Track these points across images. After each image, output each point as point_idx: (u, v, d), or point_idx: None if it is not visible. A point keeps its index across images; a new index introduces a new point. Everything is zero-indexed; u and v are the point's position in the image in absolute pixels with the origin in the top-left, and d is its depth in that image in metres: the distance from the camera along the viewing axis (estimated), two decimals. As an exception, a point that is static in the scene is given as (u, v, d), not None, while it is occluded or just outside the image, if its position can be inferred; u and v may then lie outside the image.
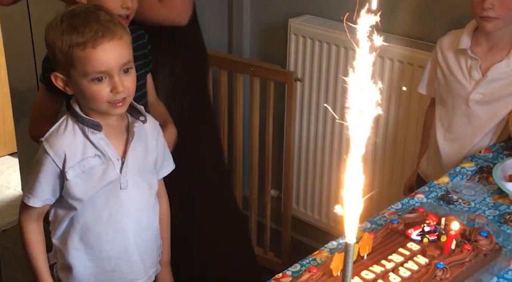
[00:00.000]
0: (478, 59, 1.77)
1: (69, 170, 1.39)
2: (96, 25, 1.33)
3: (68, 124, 1.41)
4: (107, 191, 1.44)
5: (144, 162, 1.50)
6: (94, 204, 1.44)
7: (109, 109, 1.39)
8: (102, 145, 1.41)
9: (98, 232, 1.47)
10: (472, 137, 1.83)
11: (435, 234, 1.25)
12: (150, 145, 1.51)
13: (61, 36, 1.33)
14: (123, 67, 1.36)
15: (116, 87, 1.35)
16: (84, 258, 1.49)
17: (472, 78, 1.79)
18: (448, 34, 1.87)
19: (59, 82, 1.40)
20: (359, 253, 1.18)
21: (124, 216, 1.47)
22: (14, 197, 3.09)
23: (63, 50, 1.33)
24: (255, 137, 2.51)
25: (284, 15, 2.47)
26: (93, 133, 1.40)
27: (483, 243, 1.24)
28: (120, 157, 1.44)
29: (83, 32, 1.32)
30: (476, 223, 1.37)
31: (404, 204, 1.52)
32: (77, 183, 1.41)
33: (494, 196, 1.56)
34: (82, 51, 1.32)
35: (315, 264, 1.27)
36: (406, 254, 1.20)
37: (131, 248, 1.50)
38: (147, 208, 1.53)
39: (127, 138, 1.46)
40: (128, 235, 1.49)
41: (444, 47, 1.84)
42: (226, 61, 2.49)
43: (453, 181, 1.63)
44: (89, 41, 1.32)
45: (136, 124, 1.46)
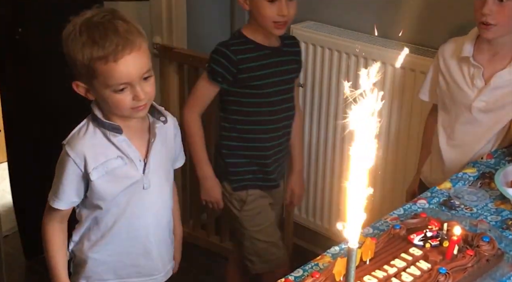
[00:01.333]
0: (480, 67, 1.77)
1: (93, 171, 1.42)
2: (116, 38, 1.34)
3: (88, 128, 1.45)
4: (130, 191, 1.48)
5: (165, 161, 1.54)
6: (118, 203, 1.48)
7: (131, 114, 1.42)
8: (124, 147, 1.44)
9: (120, 230, 1.50)
10: (474, 143, 1.83)
11: (437, 240, 1.26)
12: (170, 144, 1.56)
13: (81, 49, 1.35)
14: (143, 76, 1.39)
15: (138, 96, 1.38)
16: (105, 253, 1.53)
17: (475, 86, 1.79)
18: (450, 41, 1.87)
19: (80, 89, 1.42)
20: (361, 258, 1.18)
21: (145, 215, 1.51)
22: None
23: (84, 63, 1.36)
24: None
25: (286, 21, 2.47)
26: (114, 136, 1.43)
27: (485, 248, 1.24)
28: (143, 158, 1.47)
29: (103, 46, 1.34)
30: (478, 229, 1.37)
31: (406, 210, 1.52)
32: (102, 183, 1.44)
33: (496, 202, 1.56)
34: (104, 65, 1.34)
35: (317, 269, 1.27)
36: (409, 259, 1.20)
37: (151, 245, 1.54)
38: (167, 206, 1.58)
39: (149, 139, 1.49)
40: (148, 233, 1.53)
41: (446, 55, 1.85)
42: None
43: (455, 187, 1.63)
44: (110, 55, 1.34)
45: (157, 125, 1.50)
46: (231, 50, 1.90)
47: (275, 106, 1.95)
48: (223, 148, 2.03)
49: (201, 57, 2.52)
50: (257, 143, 1.98)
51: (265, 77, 1.91)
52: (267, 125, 1.96)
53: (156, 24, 2.58)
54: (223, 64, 1.90)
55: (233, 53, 1.89)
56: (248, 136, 1.98)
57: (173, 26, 2.55)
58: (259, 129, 1.96)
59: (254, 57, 1.90)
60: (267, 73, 1.92)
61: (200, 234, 2.81)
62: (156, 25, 2.58)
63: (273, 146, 1.99)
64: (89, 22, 1.37)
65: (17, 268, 2.52)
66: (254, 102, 1.94)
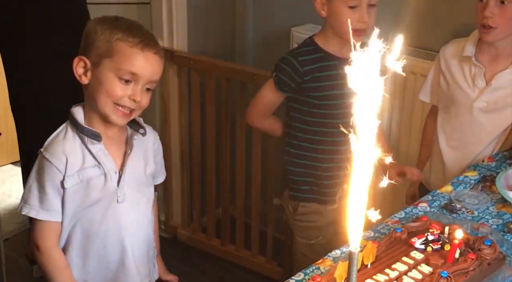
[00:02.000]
0: (482, 67, 1.77)
1: (67, 178, 1.38)
2: (148, 34, 1.41)
3: (67, 133, 1.41)
4: (104, 204, 1.43)
5: (142, 174, 1.49)
6: (92, 217, 1.43)
7: (111, 113, 1.38)
8: (101, 156, 1.40)
9: (96, 245, 1.46)
10: (474, 145, 1.83)
11: (438, 243, 1.25)
12: (149, 157, 1.51)
13: (112, 29, 1.37)
14: (149, 83, 1.39)
15: (135, 95, 1.37)
16: (83, 269, 1.48)
17: (476, 86, 1.79)
18: (452, 42, 1.87)
19: (79, 68, 1.39)
20: (362, 262, 1.18)
21: (121, 230, 1.47)
22: (16, 205, 3.05)
23: (109, 39, 1.37)
24: (257, 146, 2.51)
25: (287, 24, 2.48)
26: (92, 143, 1.39)
27: (487, 252, 1.24)
28: (118, 170, 1.43)
29: (136, 34, 1.38)
30: (479, 232, 1.37)
31: (407, 213, 1.52)
32: (75, 192, 1.39)
33: (497, 205, 1.56)
34: (129, 48, 1.36)
35: (318, 273, 1.27)
36: (410, 263, 1.20)
37: (128, 261, 1.49)
38: (144, 221, 1.53)
39: (125, 150, 1.45)
40: (126, 248, 1.48)
41: (448, 55, 1.84)
42: (229, 69, 2.49)
43: (457, 190, 1.63)
44: (140, 43, 1.37)
45: (136, 137, 1.46)
46: (298, 60, 1.85)
47: (334, 119, 1.83)
48: (285, 154, 1.99)
49: (201, 60, 2.53)
50: (314, 154, 1.90)
51: (328, 89, 1.84)
52: (329, 137, 1.87)
53: (157, 27, 2.58)
54: (289, 74, 1.86)
55: (300, 64, 1.84)
56: (307, 145, 1.92)
57: (174, 30, 2.56)
58: (317, 140, 1.89)
59: (321, 67, 1.84)
60: (331, 84, 1.83)
61: (201, 237, 2.80)
62: (157, 28, 2.58)
63: (331, 159, 1.89)
64: (126, 18, 1.43)
65: (17, 271, 2.52)
66: (314, 113, 1.87)
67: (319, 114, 1.87)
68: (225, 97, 2.53)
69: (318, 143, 1.89)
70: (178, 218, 2.83)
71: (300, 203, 1.97)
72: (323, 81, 1.84)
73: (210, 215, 2.76)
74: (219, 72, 2.50)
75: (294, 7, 2.50)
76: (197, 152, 2.67)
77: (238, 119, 2.54)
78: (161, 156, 1.59)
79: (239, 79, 2.47)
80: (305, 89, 1.86)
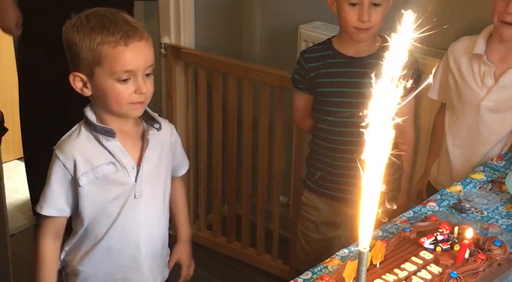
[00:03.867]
0: (493, 66, 1.75)
1: (81, 176, 1.38)
2: (126, 25, 1.34)
3: (81, 132, 1.41)
4: (121, 200, 1.43)
5: (159, 169, 1.49)
6: (108, 212, 1.43)
7: (128, 111, 1.39)
8: (117, 153, 1.40)
9: (110, 240, 1.46)
10: (481, 145, 1.82)
11: (448, 243, 1.24)
12: (165, 151, 1.51)
13: (89, 34, 1.33)
14: (146, 70, 1.37)
15: (140, 88, 1.36)
16: (94, 266, 1.48)
17: (485, 85, 1.77)
18: (461, 39, 1.86)
19: (77, 82, 1.38)
20: (371, 261, 1.17)
21: (137, 225, 1.47)
22: (22, 201, 3.09)
23: (91, 48, 1.33)
24: (264, 144, 2.51)
25: (294, 21, 2.47)
26: (107, 140, 1.39)
27: (497, 252, 1.22)
28: (136, 165, 1.43)
29: (113, 31, 1.33)
30: (489, 232, 1.36)
31: (416, 212, 1.51)
32: (91, 189, 1.40)
33: (507, 205, 1.55)
34: (113, 49, 1.32)
35: (326, 272, 1.26)
36: (419, 263, 1.19)
37: (141, 257, 1.49)
38: (160, 217, 1.52)
39: (142, 146, 1.45)
40: (140, 245, 1.48)
41: (457, 53, 1.83)
42: (236, 67, 2.49)
43: (465, 189, 1.62)
44: (121, 39, 1.32)
45: (151, 132, 1.45)
46: (304, 57, 1.89)
47: (341, 117, 1.83)
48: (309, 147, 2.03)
49: (208, 57, 2.52)
50: (321, 149, 1.92)
51: (335, 86, 1.84)
52: (329, 135, 1.89)
53: (164, 24, 2.58)
54: (299, 71, 1.91)
55: (305, 61, 1.88)
56: (316, 141, 1.94)
57: (181, 26, 2.55)
58: (323, 137, 1.91)
59: (327, 64, 1.85)
60: (336, 82, 1.84)
61: (206, 234, 2.80)
62: (164, 25, 2.58)
63: (334, 157, 1.89)
64: (95, 13, 1.37)
65: (23, 267, 2.52)
66: (321, 110, 1.89)
67: (324, 112, 1.88)
68: (232, 95, 2.53)
69: (323, 140, 1.91)
70: (184, 215, 2.83)
71: (305, 190, 2.02)
72: (329, 77, 1.85)
73: (216, 212, 2.75)
74: (226, 69, 2.49)
75: (302, 5, 2.49)
76: (204, 149, 2.67)
77: (245, 117, 2.53)
78: (180, 147, 1.60)
79: (246, 77, 2.46)
80: (315, 86, 1.88)
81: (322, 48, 1.89)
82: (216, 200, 2.72)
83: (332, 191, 1.93)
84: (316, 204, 1.99)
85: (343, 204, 1.92)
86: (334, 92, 1.85)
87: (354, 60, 1.83)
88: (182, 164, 1.61)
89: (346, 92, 1.83)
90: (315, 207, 2.00)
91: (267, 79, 2.39)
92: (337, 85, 1.84)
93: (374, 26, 1.75)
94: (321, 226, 2.01)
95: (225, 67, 2.49)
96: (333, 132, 1.87)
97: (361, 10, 1.74)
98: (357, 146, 1.94)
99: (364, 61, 1.80)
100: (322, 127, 1.90)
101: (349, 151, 1.84)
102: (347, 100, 1.82)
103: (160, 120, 1.49)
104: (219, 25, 2.67)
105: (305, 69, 1.88)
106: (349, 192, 1.87)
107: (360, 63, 1.81)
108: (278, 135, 2.46)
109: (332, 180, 1.92)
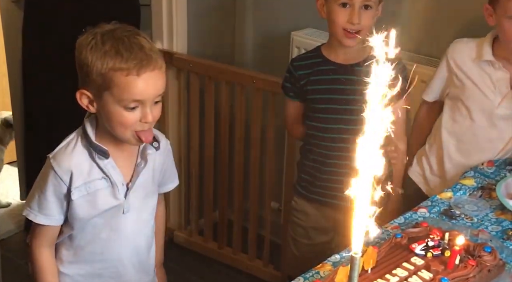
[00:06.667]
0: (508, 72, 1.73)
1: (74, 190, 1.38)
2: (141, 53, 1.30)
3: (77, 144, 1.40)
4: (109, 214, 1.43)
5: (150, 185, 1.49)
6: (94, 224, 1.43)
7: (131, 139, 1.37)
8: (109, 169, 1.40)
9: (93, 251, 1.46)
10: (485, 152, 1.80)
11: (439, 249, 1.25)
12: (156, 166, 1.50)
13: (102, 57, 1.29)
14: (156, 98, 1.35)
15: (146, 117, 1.33)
16: (76, 272, 1.49)
17: (499, 92, 1.75)
18: (458, 42, 1.84)
19: (83, 100, 1.36)
20: (363, 267, 1.17)
21: (121, 239, 1.47)
22: (12, 206, 3.08)
23: (101, 72, 1.30)
24: (256, 149, 2.51)
25: (287, 28, 2.48)
26: (100, 159, 1.39)
27: (487, 258, 1.24)
28: (126, 182, 1.43)
29: (127, 58, 1.29)
30: (479, 239, 1.37)
31: (407, 218, 1.52)
32: (81, 204, 1.40)
33: (496, 212, 1.56)
34: (125, 77, 1.29)
35: (318, 278, 1.27)
36: (410, 269, 1.20)
37: (124, 269, 1.49)
38: (146, 231, 1.52)
39: (136, 162, 1.44)
40: (122, 257, 1.48)
41: (460, 58, 1.80)
42: (228, 73, 2.49)
43: (456, 196, 1.63)
44: (134, 69, 1.29)
45: (150, 151, 1.44)
46: (293, 65, 1.90)
47: (328, 124, 1.85)
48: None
49: (201, 63, 2.52)
50: (311, 155, 1.92)
51: (324, 93, 1.85)
52: (319, 141, 1.89)
53: (157, 29, 2.58)
54: (289, 79, 1.91)
55: (295, 68, 1.89)
56: (307, 147, 1.95)
57: (174, 32, 2.55)
58: (313, 143, 1.91)
59: (316, 72, 1.85)
60: (325, 89, 1.85)
61: (197, 239, 2.80)
62: (157, 30, 2.58)
63: (324, 163, 1.90)
64: (112, 33, 1.32)
65: (13, 271, 2.51)
66: (311, 116, 1.89)
67: (315, 118, 1.89)
68: (224, 101, 2.53)
69: (313, 145, 1.92)
70: (175, 220, 2.83)
71: (294, 197, 2.03)
72: (318, 84, 1.86)
73: (207, 217, 2.75)
74: (219, 75, 2.50)
75: (295, 11, 2.50)
76: (195, 154, 2.67)
77: (237, 123, 2.53)
78: (171, 163, 1.57)
79: (239, 83, 2.47)
80: (304, 93, 1.89)
81: (311, 56, 1.91)
82: (207, 205, 2.72)
83: (321, 196, 1.94)
84: (305, 208, 2.00)
85: (332, 209, 1.93)
86: (323, 99, 1.86)
87: (343, 67, 1.84)
88: (170, 179, 1.59)
89: (335, 99, 1.84)
90: (304, 212, 2.01)
91: (259, 85, 2.40)
92: (326, 92, 1.85)
93: (363, 29, 1.75)
94: (310, 231, 2.02)
95: (217, 73, 2.50)
96: (323, 139, 1.88)
97: (351, 12, 1.74)
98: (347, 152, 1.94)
99: (352, 69, 1.81)
100: (312, 134, 1.91)
101: (339, 157, 1.85)
102: (336, 107, 1.84)
103: (159, 138, 1.47)
104: (212, 31, 2.68)
105: (295, 77, 1.89)
106: (338, 198, 1.88)
107: (349, 70, 1.82)
108: (270, 141, 2.47)
109: (321, 186, 1.93)
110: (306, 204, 1.99)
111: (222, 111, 2.55)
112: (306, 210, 2.00)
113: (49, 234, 1.45)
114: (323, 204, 1.95)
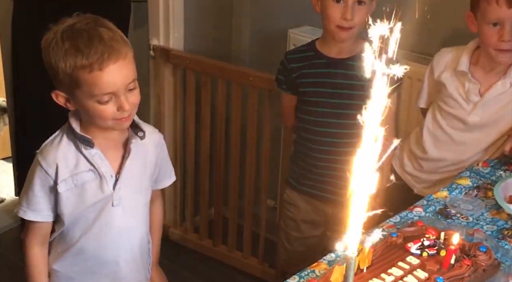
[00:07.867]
0: (477, 83, 1.78)
1: (61, 183, 1.38)
2: (101, 46, 1.28)
3: (62, 138, 1.40)
4: (98, 207, 1.42)
5: (141, 178, 1.48)
6: (84, 219, 1.43)
7: (114, 126, 1.37)
8: (96, 160, 1.39)
9: (86, 246, 1.45)
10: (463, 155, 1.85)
11: (434, 248, 1.25)
12: (149, 160, 1.49)
13: (64, 58, 1.29)
14: (128, 87, 1.34)
15: (122, 107, 1.33)
16: (68, 268, 1.48)
17: (470, 101, 1.80)
18: (444, 52, 1.87)
19: (60, 99, 1.37)
20: (358, 266, 1.17)
21: (114, 233, 1.46)
22: (7, 202, 3.07)
23: (67, 72, 1.29)
24: (252, 147, 2.51)
25: (284, 25, 2.47)
26: (86, 149, 1.38)
27: (482, 258, 1.24)
28: (115, 173, 1.42)
29: (88, 54, 1.27)
30: (474, 238, 1.37)
31: (402, 218, 1.52)
32: (69, 196, 1.39)
33: (492, 211, 1.56)
34: (89, 74, 1.28)
35: (314, 276, 1.27)
36: (406, 268, 1.20)
37: (118, 266, 1.49)
38: (140, 226, 1.51)
39: (124, 154, 1.43)
40: (117, 253, 1.47)
41: (441, 66, 1.84)
42: (225, 70, 2.49)
43: (451, 195, 1.63)
44: (95, 64, 1.28)
45: (133, 141, 1.43)
46: (287, 58, 1.92)
47: (322, 117, 1.86)
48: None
49: (197, 60, 2.52)
50: (303, 148, 1.94)
51: (316, 86, 1.86)
52: (310, 135, 1.90)
53: (154, 26, 2.57)
54: (282, 71, 1.93)
55: (288, 61, 1.90)
56: (299, 140, 1.96)
57: (170, 29, 2.55)
58: (305, 136, 1.93)
59: (309, 65, 1.87)
60: (317, 82, 1.86)
61: (193, 237, 2.79)
62: (154, 27, 2.57)
63: (315, 157, 1.91)
64: (71, 29, 1.30)
65: (7, 268, 2.50)
66: (303, 109, 1.91)
67: (307, 111, 1.90)
68: (221, 98, 2.53)
69: (305, 140, 1.93)
70: (170, 217, 2.82)
71: (286, 190, 2.05)
72: (310, 78, 1.88)
73: (202, 215, 2.75)
74: (215, 72, 2.49)
75: (292, 9, 2.49)
76: (191, 151, 2.66)
77: (233, 120, 2.53)
78: (166, 158, 1.56)
79: (235, 80, 2.46)
80: (297, 86, 1.91)
81: (305, 49, 1.92)
82: (203, 203, 2.72)
83: (312, 189, 1.96)
84: (296, 201, 2.02)
85: (322, 203, 1.96)
86: (315, 92, 1.87)
87: (336, 61, 1.86)
88: (166, 175, 1.58)
89: (327, 92, 1.86)
90: (295, 205, 2.03)
91: (256, 82, 2.40)
92: (318, 86, 1.87)
93: (357, 25, 1.76)
94: (301, 224, 2.04)
95: (214, 70, 2.49)
96: (315, 132, 1.90)
97: (345, 7, 1.75)
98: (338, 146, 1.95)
99: (345, 63, 1.83)
100: (305, 127, 1.93)
101: (330, 152, 1.87)
102: (328, 101, 1.85)
103: (146, 128, 1.46)
104: (209, 28, 2.67)
105: (288, 70, 1.90)
106: (330, 192, 1.90)
107: (341, 64, 1.83)
108: (266, 139, 2.47)
109: (313, 179, 1.95)
110: (297, 196, 2.01)
111: (219, 109, 2.54)
112: (297, 203, 2.02)
113: (41, 231, 1.45)
114: (314, 197, 1.97)
